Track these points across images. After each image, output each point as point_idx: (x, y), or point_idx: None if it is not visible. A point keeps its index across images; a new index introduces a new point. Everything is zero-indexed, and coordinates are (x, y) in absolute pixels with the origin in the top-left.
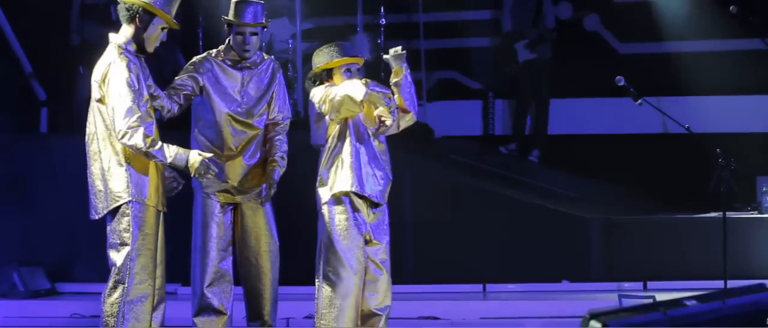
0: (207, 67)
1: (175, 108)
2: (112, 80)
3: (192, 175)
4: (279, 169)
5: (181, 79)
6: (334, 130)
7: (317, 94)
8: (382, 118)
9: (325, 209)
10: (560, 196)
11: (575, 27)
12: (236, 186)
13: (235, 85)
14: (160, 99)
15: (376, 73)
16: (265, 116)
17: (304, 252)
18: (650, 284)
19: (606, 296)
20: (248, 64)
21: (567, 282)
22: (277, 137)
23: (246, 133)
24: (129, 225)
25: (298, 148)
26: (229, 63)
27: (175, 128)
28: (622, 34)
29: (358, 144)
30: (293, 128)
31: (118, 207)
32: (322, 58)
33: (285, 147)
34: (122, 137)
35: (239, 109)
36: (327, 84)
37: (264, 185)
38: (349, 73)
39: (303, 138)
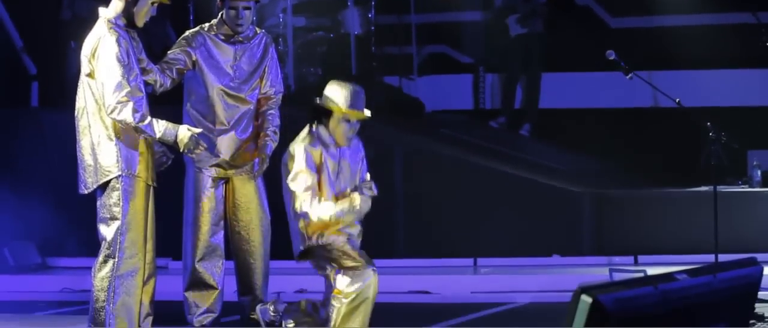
0: (200, 42)
1: (168, 82)
2: (102, 55)
3: (181, 150)
4: (271, 143)
5: (173, 53)
6: None
7: (293, 164)
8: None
9: None
10: (551, 170)
11: (566, 1)
12: (228, 160)
13: (227, 59)
14: (152, 73)
15: (366, 46)
16: (257, 91)
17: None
18: (641, 258)
19: (597, 271)
20: (241, 39)
21: (557, 256)
22: (270, 112)
23: (238, 108)
24: (119, 199)
25: (290, 122)
26: (222, 37)
27: (166, 103)
28: (613, 8)
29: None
30: (284, 103)
31: (108, 181)
32: (331, 94)
33: (277, 121)
34: (111, 112)
35: (232, 84)
36: (310, 138)
37: (256, 160)
38: (347, 123)
39: (294, 113)
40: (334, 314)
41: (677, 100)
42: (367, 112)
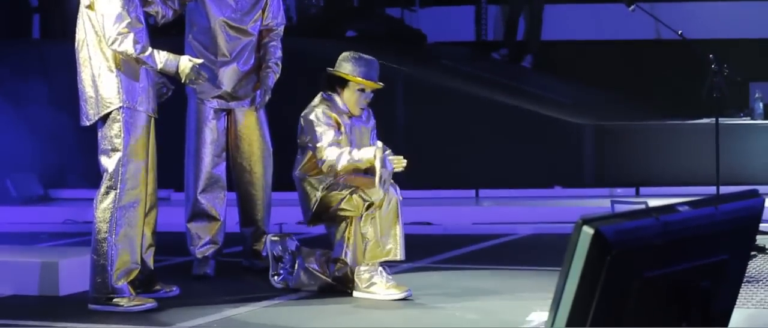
0: None
1: (170, 13)
2: None
3: (182, 81)
4: (273, 75)
5: None
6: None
7: (310, 131)
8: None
9: None
10: (552, 102)
11: None
12: (230, 92)
13: None
14: (154, 4)
15: None
16: (259, 22)
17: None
18: (642, 190)
19: (598, 202)
20: None
21: (559, 188)
22: (272, 43)
23: (240, 40)
24: (120, 131)
25: (291, 54)
26: None
27: (168, 34)
28: None
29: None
30: (286, 35)
31: (109, 113)
32: (346, 66)
33: (279, 53)
34: (112, 43)
35: (234, 15)
36: (325, 104)
37: (258, 91)
38: (361, 93)
39: (295, 44)
40: (370, 230)
41: (679, 32)
42: (380, 83)
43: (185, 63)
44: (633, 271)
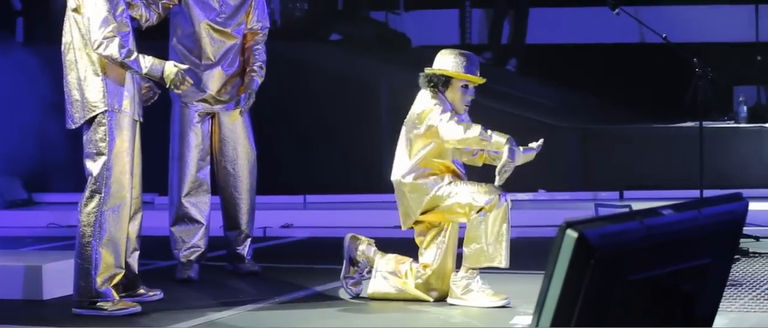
0: None
1: (154, 17)
2: None
3: (167, 86)
4: (257, 78)
5: None
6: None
7: (427, 114)
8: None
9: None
10: (537, 105)
11: None
12: (214, 96)
13: None
14: (138, 8)
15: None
16: (243, 25)
17: (280, 162)
18: (626, 194)
19: (582, 206)
20: None
21: (543, 192)
22: (256, 47)
23: (224, 43)
24: (105, 135)
25: (276, 57)
26: None
27: (153, 38)
28: None
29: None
30: (270, 38)
31: (95, 117)
32: (446, 63)
33: (263, 56)
34: (98, 47)
35: (218, 19)
36: (445, 107)
37: (242, 95)
38: (465, 89)
39: (280, 48)
40: (475, 236)
41: (664, 35)
42: (483, 78)
43: (170, 68)
44: (617, 274)
